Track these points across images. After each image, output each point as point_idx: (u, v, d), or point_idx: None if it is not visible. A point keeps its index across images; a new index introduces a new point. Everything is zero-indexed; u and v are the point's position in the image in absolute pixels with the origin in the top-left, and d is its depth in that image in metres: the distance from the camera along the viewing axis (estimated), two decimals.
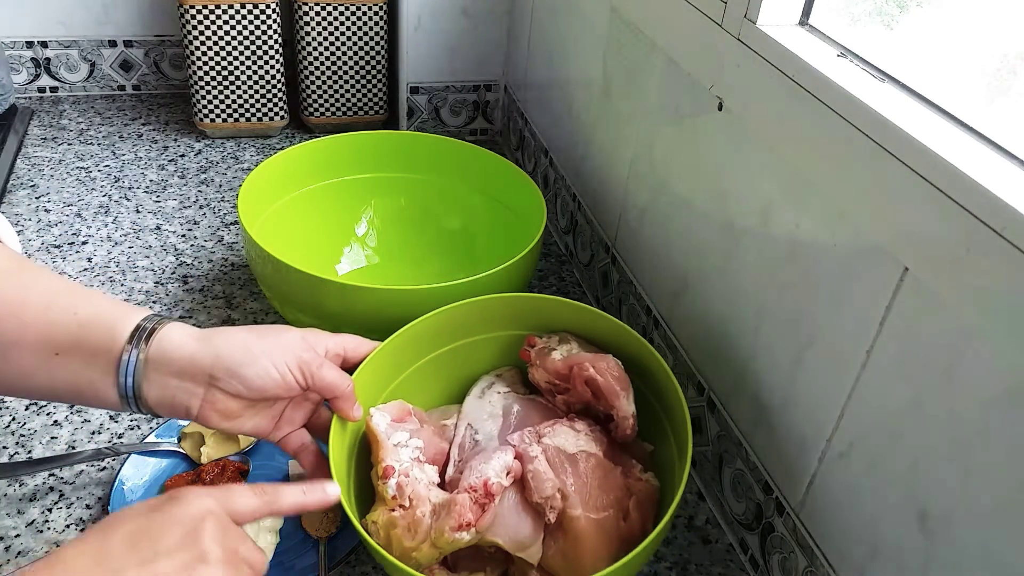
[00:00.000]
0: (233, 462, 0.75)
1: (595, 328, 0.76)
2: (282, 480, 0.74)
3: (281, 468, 0.77)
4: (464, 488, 0.63)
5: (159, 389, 0.58)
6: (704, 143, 0.76)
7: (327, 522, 0.72)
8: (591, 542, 0.63)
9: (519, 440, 0.68)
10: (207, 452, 0.75)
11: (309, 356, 0.62)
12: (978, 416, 0.49)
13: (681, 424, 0.67)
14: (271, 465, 0.77)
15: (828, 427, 0.62)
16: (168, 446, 0.76)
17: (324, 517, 0.72)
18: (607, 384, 0.70)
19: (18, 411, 0.80)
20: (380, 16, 1.27)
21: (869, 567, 0.59)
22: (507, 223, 1.00)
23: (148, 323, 0.58)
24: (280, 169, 0.97)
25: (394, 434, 0.67)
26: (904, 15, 0.64)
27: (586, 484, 0.65)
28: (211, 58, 1.22)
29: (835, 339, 0.60)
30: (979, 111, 0.52)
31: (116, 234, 1.07)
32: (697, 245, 0.79)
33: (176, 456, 0.76)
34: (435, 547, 0.62)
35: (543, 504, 0.64)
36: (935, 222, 0.49)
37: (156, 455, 0.76)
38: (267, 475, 0.76)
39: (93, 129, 1.31)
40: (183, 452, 0.76)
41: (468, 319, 0.77)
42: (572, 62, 1.06)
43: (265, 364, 0.59)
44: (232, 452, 0.76)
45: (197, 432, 0.76)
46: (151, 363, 0.57)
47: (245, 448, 0.77)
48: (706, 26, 0.70)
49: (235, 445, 0.77)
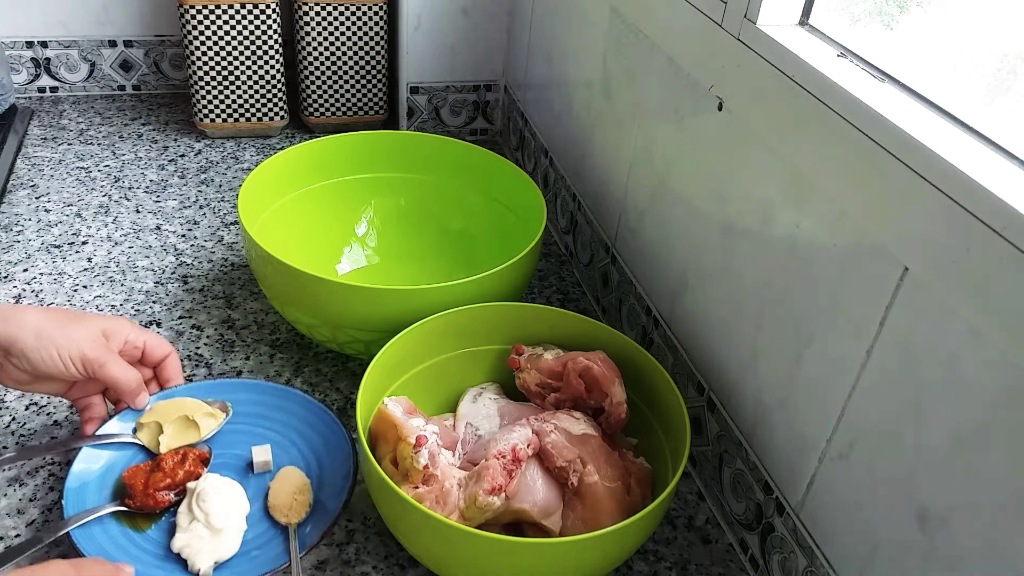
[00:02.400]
0: (194, 450, 0.72)
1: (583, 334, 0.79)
2: (246, 467, 0.74)
3: (243, 456, 0.74)
4: (493, 455, 0.66)
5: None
6: (704, 143, 0.76)
7: (297, 507, 0.70)
8: (609, 506, 0.66)
9: (531, 422, 0.71)
10: (166, 442, 0.72)
11: (96, 354, 0.68)
12: (978, 416, 0.49)
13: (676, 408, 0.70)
14: (232, 453, 0.75)
15: (828, 427, 0.62)
16: (123, 438, 0.73)
17: (293, 502, 0.70)
18: (601, 372, 0.73)
19: (18, 411, 0.80)
20: (380, 16, 1.27)
21: (869, 567, 0.59)
22: (507, 223, 1.00)
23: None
24: (280, 169, 0.97)
25: (410, 421, 0.69)
26: (904, 15, 0.64)
27: (597, 458, 0.69)
28: (211, 58, 1.22)
29: (835, 339, 0.60)
30: (979, 111, 0.52)
31: (116, 234, 1.07)
32: (697, 245, 0.79)
33: (132, 447, 0.73)
34: (464, 517, 0.65)
35: (566, 468, 0.67)
36: (935, 222, 0.49)
37: (111, 447, 0.72)
38: (229, 464, 0.74)
39: (93, 129, 1.31)
40: (140, 443, 0.73)
41: (453, 330, 0.79)
42: (572, 62, 1.06)
43: (51, 353, 0.66)
44: (192, 441, 0.73)
45: (154, 421, 0.73)
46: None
47: (206, 436, 0.74)
48: (706, 26, 0.70)
49: (195, 433, 0.73)
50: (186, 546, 0.65)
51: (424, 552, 0.66)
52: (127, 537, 0.67)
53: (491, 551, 0.61)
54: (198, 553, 0.65)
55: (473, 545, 0.60)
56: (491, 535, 0.60)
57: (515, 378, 0.79)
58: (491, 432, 0.74)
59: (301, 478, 0.72)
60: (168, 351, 0.76)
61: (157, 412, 0.74)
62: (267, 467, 0.73)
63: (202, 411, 0.74)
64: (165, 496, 0.69)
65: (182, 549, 0.65)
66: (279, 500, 0.70)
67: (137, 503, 0.68)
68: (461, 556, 0.63)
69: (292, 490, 0.71)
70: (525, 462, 0.68)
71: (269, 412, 0.78)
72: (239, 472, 0.73)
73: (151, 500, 0.68)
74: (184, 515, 0.67)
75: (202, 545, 0.65)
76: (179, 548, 0.65)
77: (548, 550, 0.61)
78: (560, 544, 0.61)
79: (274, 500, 0.70)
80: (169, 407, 0.74)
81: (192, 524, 0.66)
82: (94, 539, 0.66)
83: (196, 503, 0.67)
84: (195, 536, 0.66)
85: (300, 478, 0.72)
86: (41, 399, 0.82)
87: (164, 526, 0.69)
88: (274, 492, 0.71)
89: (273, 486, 0.71)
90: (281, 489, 0.71)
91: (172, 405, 0.74)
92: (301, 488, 0.71)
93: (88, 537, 0.65)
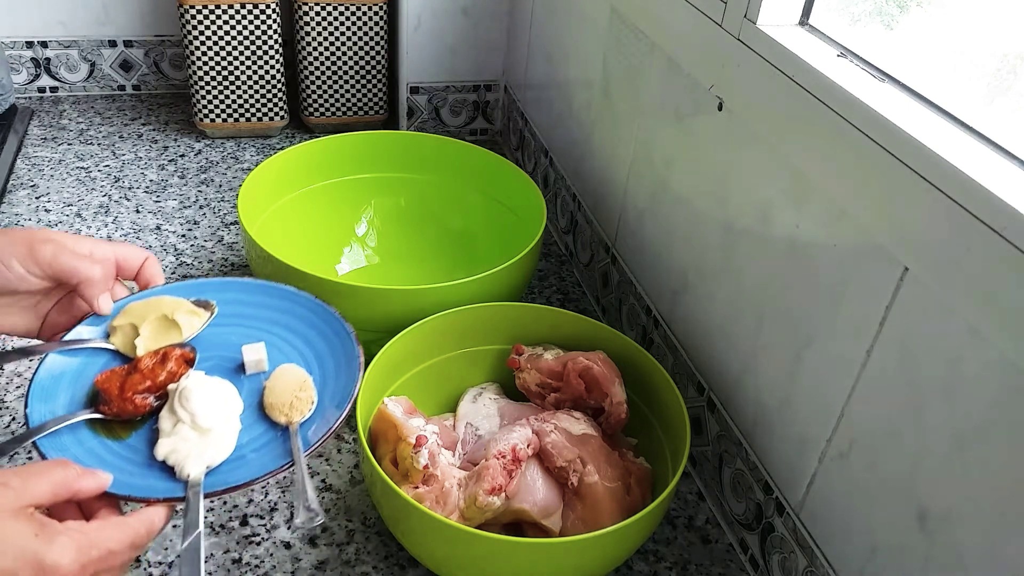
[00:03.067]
0: (176, 349, 0.62)
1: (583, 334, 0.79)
2: (236, 370, 0.64)
3: (233, 358, 0.64)
4: (493, 455, 0.66)
5: None
6: (704, 143, 0.76)
7: (299, 404, 0.61)
8: (608, 506, 0.66)
9: (530, 422, 0.71)
10: (143, 344, 0.62)
11: (46, 248, 0.59)
12: (978, 416, 0.49)
13: (675, 408, 0.70)
14: (219, 355, 0.64)
15: (828, 427, 0.62)
16: (94, 343, 0.63)
17: (294, 399, 0.61)
18: (601, 372, 0.73)
19: (18, 411, 0.80)
20: (380, 16, 1.27)
21: (869, 567, 0.59)
22: (507, 223, 1.00)
23: None
24: (280, 169, 0.97)
25: (410, 421, 0.69)
26: (904, 15, 0.64)
27: (596, 458, 0.69)
28: (211, 58, 1.22)
29: (835, 339, 0.60)
30: (979, 111, 0.52)
31: (116, 234, 1.07)
32: (697, 245, 0.79)
33: (105, 353, 0.63)
34: (464, 517, 0.64)
35: (566, 468, 0.67)
36: (935, 222, 0.49)
37: (80, 353, 0.63)
38: (217, 365, 0.64)
39: (93, 129, 1.31)
40: (113, 348, 0.63)
41: (453, 330, 0.79)
42: (572, 62, 1.06)
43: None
44: (174, 341, 0.64)
45: (128, 323, 0.63)
46: None
47: (188, 337, 0.64)
48: (706, 26, 0.70)
49: (177, 334, 0.64)
50: (172, 451, 0.57)
51: (424, 552, 0.66)
52: (104, 447, 0.58)
53: (491, 551, 0.61)
54: (186, 458, 0.56)
55: (473, 545, 0.60)
56: (491, 535, 0.60)
57: (515, 378, 0.79)
58: (491, 432, 0.74)
59: (302, 374, 0.63)
60: (145, 255, 0.66)
61: (131, 313, 0.64)
62: (261, 367, 0.64)
63: (183, 309, 0.65)
64: (144, 400, 0.60)
65: (168, 455, 0.56)
66: (277, 398, 0.61)
67: (114, 409, 0.59)
68: (461, 556, 0.63)
69: (292, 387, 0.62)
70: (525, 462, 0.68)
71: (260, 312, 0.68)
72: (229, 374, 0.64)
73: (129, 405, 0.59)
74: (167, 418, 0.58)
75: (190, 449, 0.56)
76: (164, 455, 0.57)
77: (548, 550, 0.61)
78: (560, 544, 0.61)
79: (271, 398, 0.61)
80: (145, 307, 0.65)
81: (177, 427, 0.57)
82: (66, 450, 0.57)
83: (179, 402, 0.58)
84: (181, 439, 0.57)
85: (301, 374, 0.63)
86: None
87: (146, 434, 0.59)
88: (271, 390, 0.62)
89: (269, 384, 0.62)
90: (279, 386, 0.62)
91: (148, 305, 0.65)
92: (302, 385, 0.62)
93: (59, 448, 0.57)
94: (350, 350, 0.65)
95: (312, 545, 0.71)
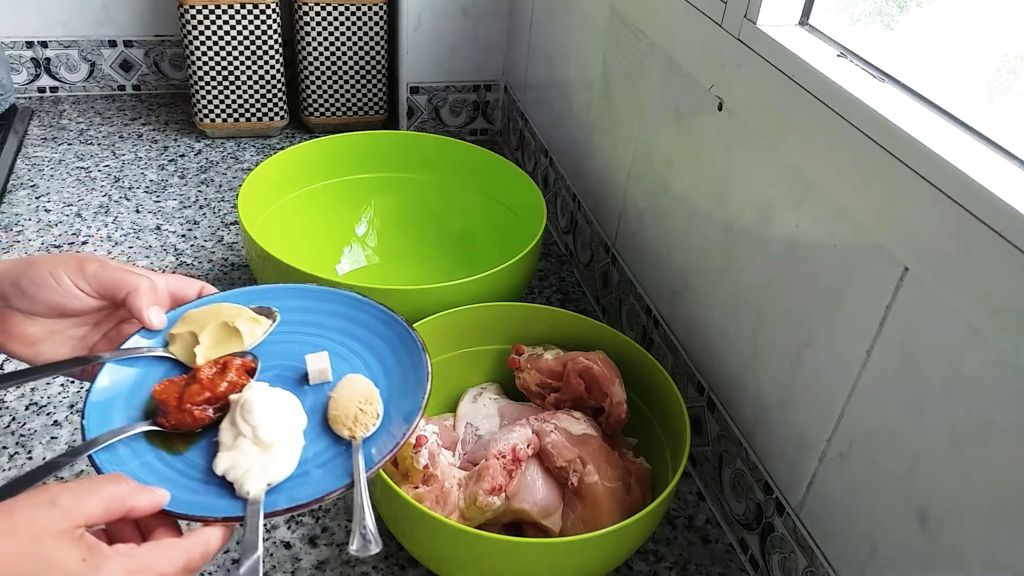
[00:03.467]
0: (237, 359, 0.60)
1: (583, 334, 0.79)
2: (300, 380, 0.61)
3: (295, 367, 0.61)
4: (493, 455, 0.66)
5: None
6: (704, 143, 0.76)
7: (363, 418, 0.58)
8: (608, 506, 0.66)
9: (530, 422, 0.71)
10: (202, 352, 0.60)
11: (94, 264, 0.58)
12: (978, 416, 0.49)
13: (675, 408, 0.70)
14: (282, 364, 0.61)
15: (828, 427, 0.62)
16: (153, 351, 0.61)
17: (359, 412, 0.58)
18: (601, 372, 0.73)
19: (18, 411, 0.80)
20: (380, 16, 1.27)
21: (869, 567, 0.59)
22: (507, 223, 1.00)
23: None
24: (280, 169, 0.97)
25: None
26: (904, 15, 0.64)
27: (596, 458, 0.69)
28: (211, 58, 1.22)
29: (835, 339, 0.60)
30: (979, 111, 0.52)
31: (116, 234, 1.07)
32: (697, 245, 0.79)
33: (164, 362, 0.61)
34: (464, 517, 0.65)
35: (566, 468, 0.67)
36: (935, 222, 0.49)
37: (138, 362, 0.61)
38: (278, 375, 0.61)
39: (93, 129, 1.31)
40: (172, 357, 0.61)
41: (453, 330, 0.79)
42: (572, 62, 1.06)
43: (42, 272, 0.57)
44: (234, 350, 0.61)
45: (187, 331, 0.62)
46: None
47: (250, 346, 0.62)
48: (706, 26, 0.70)
49: (238, 342, 0.62)
50: (232, 467, 0.54)
51: (424, 552, 0.66)
52: (161, 460, 0.56)
53: (491, 551, 0.61)
54: (246, 474, 0.53)
55: (473, 545, 0.60)
56: (491, 535, 0.60)
57: (515, 378, 0.79)
58: (491, 432, 0.74)
59: (368, 386, 0.60)
60: (199, 285, 0.64)
61: (191, 321, 0.62)
62: (325, 376, 0.61)
63: (244, 316, 0.63)
64: (204, 412, 0.57)
65: (228, 470, 0.54)
66: (341, 410, 0.58)
67: (172, 421, 0.57)
68: (461, 556, 0.63)
69: (357, 399, 0.59)
70: (525, 462, 0.68)
71: (323, 319, 0.65)
72: (292, 385, 0.61)
73: (188, 417, 0.57)
74: (227, 431, 0.56)
75: (251, 464, 0.54)
76: (224, 469, 0.54)
77: (548, 550, 0.61)
78: (560, 544, 0.61)
79: (335, 411, 0.58)
80: (204, 314, 0.62)
81: (238, 440, 0.55)
82: (123, 464, 0.55)
83: (241, 415, 0.56)
84: (242, 454, 0.54)
85: (366, 386, 0.60)
86: (41, 399, 0.81)
87: (204, 447, 0.57)
88: (335, 402, 0.59)
89: (334, 395, 0.60)
90: (343, 397, 0.59)
91: (208, 312, 0.63)
92: (368, 397, 0.59)
93: (115, 462, 0.55)
94: (417, 360, 0.62)
95: (312, 545, 0.71)
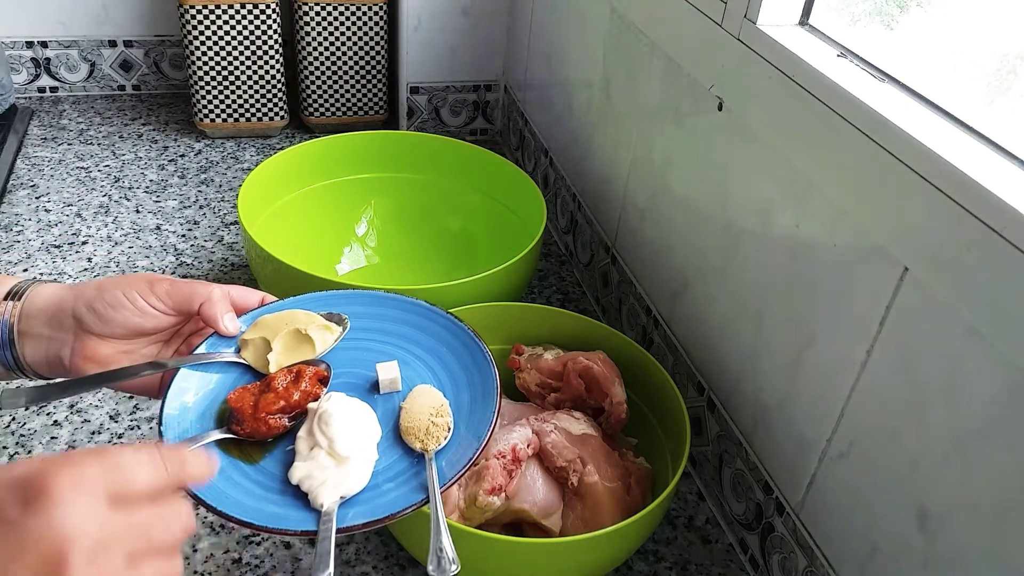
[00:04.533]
0: (310, 367, 0.60)
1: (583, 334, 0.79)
2: (370, 388, 0.61)
3: (364, 375, 0.62)
4: (493, 455, 0.66)
5: (33, 343, 0.58)
6: (704, 143, 0.76)
7: (435, 430, 0.57)
8: (608, 506, 0.66)
9: (530, 422, 0.71)
10: (275, 359, 0.61)
11: (163, 282, 0.59)
12: (978, 416, 0.49)
13: (675, 408, 0.70)
14: (352, 372, 0.62)
15: (828, 427, 0.62)
16: (225, 357, 0.61)
17: (430, 424, 0.58)
18: (601, 372, 0.73)
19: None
20: (380, 16, 1.27)
21: (869, 567, 0.59)
22: (507, 223, 1.00)
23: (24, 285, 0.59)
24: (280, 169, 0.97)
25: None
26: (904, 15, 0.64)
27: (596, 458, 0.69)
28: (211, 58, 1.22)
29: (835, 339, 0.60)
30: (979, 111, 0.52)
31: (116, 234, 1.07)
32: (697, 245, 0.79)
33: (237, 368, 0.61)
34: (464, 517, 0.64)
35: (566, 468, 0.67)
36: (935, 222, 0.49)
37: (212, 368, 0.61)
38: (347, 383, 0.61)
39: (93, 129, 1.31)
40: (244, 363, 0.61)
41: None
42: (572, 62, 1.06)
43: (116, 294, 0.58)
44: (306, 358, 0.61)
45: (259, 337, 0.62)
46: (25, 318, 0.57)
47: (322, 353, 0.62)
48: (706, 26, 0.70)
49: (310, 349, 0.62)
50: (307, 477, 0.54)
51: (424, 552, 0.66)
52: (236, 468, 0.56)
53: (491, 551, 0.61)
54: (321, 485, 0.53)
55: (473, 545, 0.60)
56: (491, 535, 0.60)
57: (515, 378, 0.79)
58: None
59: (438, 397, 0.60)
60: (261, 295, 0.65)
61: (263, 327, 0.63)
62: (395, 386, 0.61)
63: (316, 324, 0.63)
64: (278, 420, 0.58)
65: (302, 480, 0.54)
66: (414, 422, 0.58)
67: (246, 429, 0.57)
68: (461, 556, 0.63)
69: (429, 411, 0.59)
70: (525, 462, 0.68)
71: (392, 327, 0.66)
72: (363, 394, 0.61)
73: (263, 426, 0.57)
74: (304, 440, 0.56)
75: (326, 476, 0.54)
76: (299, 479, 0.54)
77: (548, 550, 0.61)
78: (560, 544, 0.61)
79: (407, 422, 0.58)
80: (277, 320, 0.63)
81: (314, 451, 0.55)
82: None
83: (318, 426, 0.56)
84: (317, 466, 0.54)
85: (437, 397, 0.60)
86: None
87: (279, 456, 0.57)
88: (407, 413, 0.59)
89: (406, 406, 0.59)
90: (416, 409, 0.59)
91: (280, 319, 0.63)
92: (439, 409, 0.59)
93: None
94: (486, 372, 0.62)
95: (312, 545, 0.71)
